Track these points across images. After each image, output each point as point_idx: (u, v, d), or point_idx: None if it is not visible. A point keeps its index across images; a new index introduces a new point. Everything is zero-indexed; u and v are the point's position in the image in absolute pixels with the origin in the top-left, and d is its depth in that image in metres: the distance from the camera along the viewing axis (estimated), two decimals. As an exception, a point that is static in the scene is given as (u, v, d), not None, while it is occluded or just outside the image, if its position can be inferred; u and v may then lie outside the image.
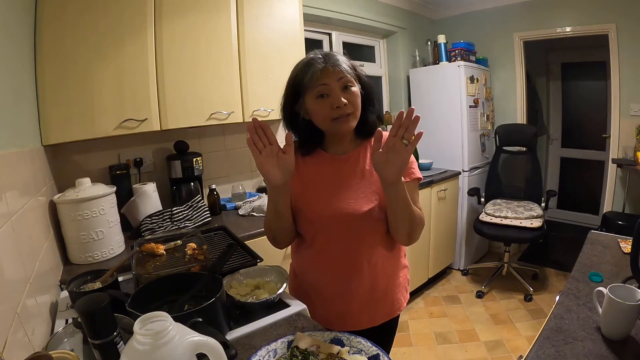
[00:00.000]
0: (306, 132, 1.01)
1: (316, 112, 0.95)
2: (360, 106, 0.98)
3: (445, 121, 3.17)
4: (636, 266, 0.98)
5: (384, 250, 1.03)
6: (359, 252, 1.00)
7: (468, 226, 3.20)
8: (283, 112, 1.02)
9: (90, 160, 1.72)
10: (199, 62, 1.70)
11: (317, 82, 0.92)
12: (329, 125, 0.96)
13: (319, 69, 0.92)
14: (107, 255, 1.37)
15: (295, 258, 1.16)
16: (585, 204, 4.20)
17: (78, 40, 1.38)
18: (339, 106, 0.92)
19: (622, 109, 2.96)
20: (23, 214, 0.89)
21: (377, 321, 1.07)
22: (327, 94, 0.93)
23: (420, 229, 0.97)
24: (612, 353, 0.78)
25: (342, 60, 0.95)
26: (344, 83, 0.93)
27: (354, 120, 0.97)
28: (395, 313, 1.10)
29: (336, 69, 0.92)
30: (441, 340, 2.35)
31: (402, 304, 1.11)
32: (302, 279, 1.12)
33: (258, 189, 2.37)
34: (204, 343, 0.54)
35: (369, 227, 0.98)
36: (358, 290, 1.02)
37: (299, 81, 0.95)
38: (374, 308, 1.05)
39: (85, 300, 0.62)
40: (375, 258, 1.02)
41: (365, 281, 1.02)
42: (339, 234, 0.99)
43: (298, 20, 2.09)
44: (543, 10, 3.19)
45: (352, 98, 0.94)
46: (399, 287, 1.10)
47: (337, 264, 1.02)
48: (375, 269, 1.02)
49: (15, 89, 1.06)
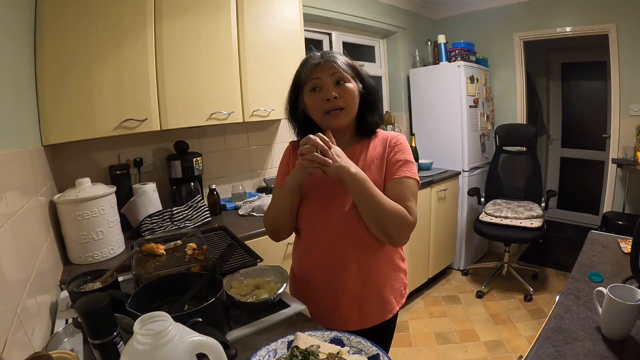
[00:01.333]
0: (306, 127, 1.05)
1: (310, 105, 0.99)
2: (358, 104, 1.00)
3: (445, 121, 3.17)
4: (636, 266, 0.98)
5: (376, 248, 1.02)
6: (348, 248, 1.00)
7: (468, 226, 3.20)
8: (287, 108, 1.07)
9: (90, 160, 1.73)
10: (199, 62, 1.70)
11: (312, 76, 0.97)
12: (322, 118, 0.99)
13: (314, 64, 0.97)
14: (107, 255, 1.37)
15: (293, 254, 1.18)
16: (585, 204, 4.20)
17: (78, 40, 1.38)
18: (329, 99, 0.94)
19: (622, 109, 2.96)
20: (23, 214, 0.89)
21: (367, 323, 1.04)
22: (320, 87, 0.96)
23: (400, 228, 0.93)
24: (612, 353, 0.78)
25: (338, 58, 0.98)
26: (337, 78, 0.96)
27: (347, 116, 0.98)
28: (386, 316, 1.06)
29: (329, 64, 0.95)
30: (441, 340, 2.35)
31: (395, 307, 1.07)
32: (297, 274, 1.14)
33: (258, 189, 2.37)
34: (204, 343, 0.54)
35: (358, 224, 0.97)
36: (346, 287, 1.01)
37: (298, 77, 1.02)
38: (363, 307, 1.03)
39: (85, 300, 0.62)
40: (366, 256, 1.01)
41: (354, 278, 1.01)
42: (330, 230, 1.00)
43: (298, 20, 2.09)
44: (543, 10, 3.19)
45: (345, 93, 0.96)
46: (393, 290, 1.07)
47: (327, 260, 1.02)
48: (366, 267, 1.01)
49: (15, 89, 1.06)
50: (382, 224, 0.93)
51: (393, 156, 1.01)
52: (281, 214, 1.03)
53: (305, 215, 1.04)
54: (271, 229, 1.09)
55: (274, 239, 1.12)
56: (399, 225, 0.93)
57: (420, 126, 3.37)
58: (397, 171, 0.98)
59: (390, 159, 1.01)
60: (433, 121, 3.24)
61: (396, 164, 0.99)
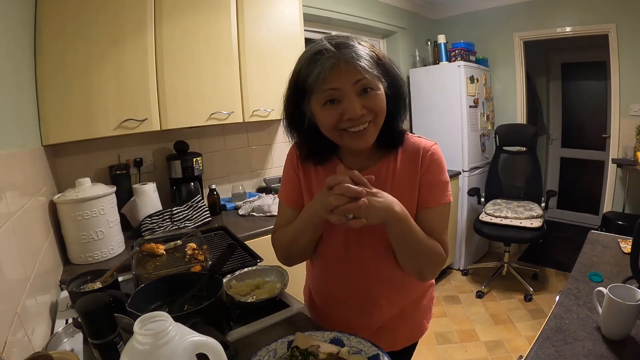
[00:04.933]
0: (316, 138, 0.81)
1: (323, 122, 0.75)
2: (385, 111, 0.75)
3: (445, 121, 3.17)
4: (636, 266, 0.98)
5: (407, 284, 0.90)
6: (377, 288, 0.88)
7: (468, 226, 3.19)
8: (285, 111, 0.82)
9: (90, 160, 1.72)
10: (199, 62, 1.70)
11: (326, 86, 0.70)
12: (338, 137, 0.76)
13: (327, 66, 0.68)
14: (107, 255, 1.37)
15: (309, 277, 1.05)
16: (585, 204, 4.20)
17: (78, 40, 1.38)
18: (352, 118, 0.71)
19: (622, 109, 2.95)
20: (23, 214, 0.89)
21: (397, 346, 0.96)
22: (339, 100, 0.71)
23: (435, 265, 0.82)
24: (612, 353, 0.78)
25: (361, 52, 0.70)
26: (363, 86, 0.71)
27: (374, 133, 0.75)
28: (416, 338, 1.00)
29: (351, 67, 0.68)
30: (441, 340, 2.35)
31: (425, 326, 1.00)
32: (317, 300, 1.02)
33: (258, 189, 2.37)
34: (204, 343, 0.54)
35: (390, 265, 0.85)
36: (376, 322, 0.92)
37: (303, 79, 0.73)
38: (393, 335, 0.95)
39: (85, 300, 0.62)
40: (396, 293, 0.90)
41: (384, 314, 0.91)
42: (355, 271, 0.87)
43: (298, 21, 2.09)
44: (543, 10, 3.19)
45: (374, 105, 0.72)
46: (425, 310, 0.98)
47: (352, 297, 0.90)
48: (397, 302, 0.91)
49: (15, 89, 1.06)
50: (418, 265, 0.81)
51: (430, 177, 0.81)
52: (298, 244, 0.86)
53: (327, 248, 0.89)
54: (286, 255, 0.91)
55: (288, 265, 0.94)
56: (435, 265, 0.81)
57: (420, 126, 3.36)
58: (434, 198, 0.81)
59: (425, 180, 0.81)
60: (433, 121, 3.23)
61: (434, 187, 0.81)
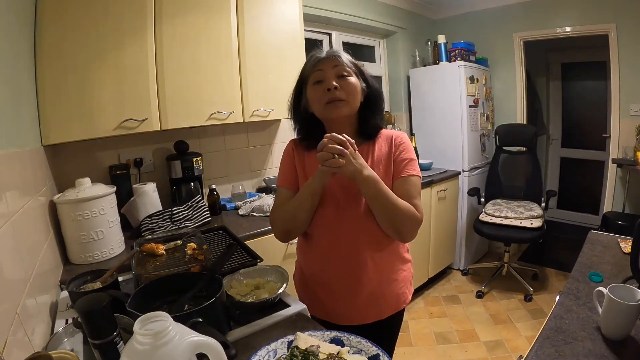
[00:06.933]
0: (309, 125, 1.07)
1: (312, 98, 1.01)
2: (359, 100, 1.01)
3: (445, 121, 3.17)
4: (636, 266, 0.98)
5: (388, 245, 1.05)
6: (364, 248, 1.02)
7: (468, 226, 3.20)
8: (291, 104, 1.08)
9: (90, 160, 1.72)
10: (199, 62, 1.70)
11: (314, 69, 1.00)
12: (322, 110, 1.00)
13: (318, 58, 1.00)
14: (107, 255, 1.37)
15: (301, 255, 1.17)
16: (585, 204, 4.20)
17: (78, 40, 1.38)
18: (329, 88, 0.96)
19: (622, 109, 2.95)
20: (23, 214, 0.89)
21: (384, 314, 1.09)
22: (322, 79, 0.98)
23: (411, 225, 0.97)
24: (612, 353, 0.78)
25: (342, 54, 1.01)
26: (340, 71, 0.98)
27: (346, 108, 0.99)
28: (401, 306, 1.12)
29: (332, 58, 0.98)
30: (441, 340, 2.35)
31: (407, 297, 1.13)
32: (308, 275, 1.13)
33: (258, 189, 2.37)
34: (204, 343, 0.54)
35: (373, 224, 1.00)
36: (363, 284, 1.04)
37: (303, 72, 1.04)
38: (380, 302, 1.07)
39: (85, 300, 0.62)
40: (379, 253, 1.04)
41: (370, 275, 1.03)
42: (346, 231, 1.01)
43: (298, 21, 2.09)
44: (543, 10, 3.19)
45: (347, 86, 0.98)
46: (404, 281, 1.12)
47: (344, 260, 1.03)
48: (380, 264, 1.05)
49: (15, 89, 1.06)
50: (394, 223, 0.96)
51: (399, 155, 1.03)
52: (300, 215, 1.01)
53: (320, 217, 1.04)
54: (285, 229, 1.06)
55: (284, 240, 1.10)
56: (410, 223, 0.97)
57: (420, 126, 3.37)
58: (403, 170, 1.01)
59: (396, 157, 1.03)
60: (433, 121, 3.23)
61: (402, 162, 1.02)
